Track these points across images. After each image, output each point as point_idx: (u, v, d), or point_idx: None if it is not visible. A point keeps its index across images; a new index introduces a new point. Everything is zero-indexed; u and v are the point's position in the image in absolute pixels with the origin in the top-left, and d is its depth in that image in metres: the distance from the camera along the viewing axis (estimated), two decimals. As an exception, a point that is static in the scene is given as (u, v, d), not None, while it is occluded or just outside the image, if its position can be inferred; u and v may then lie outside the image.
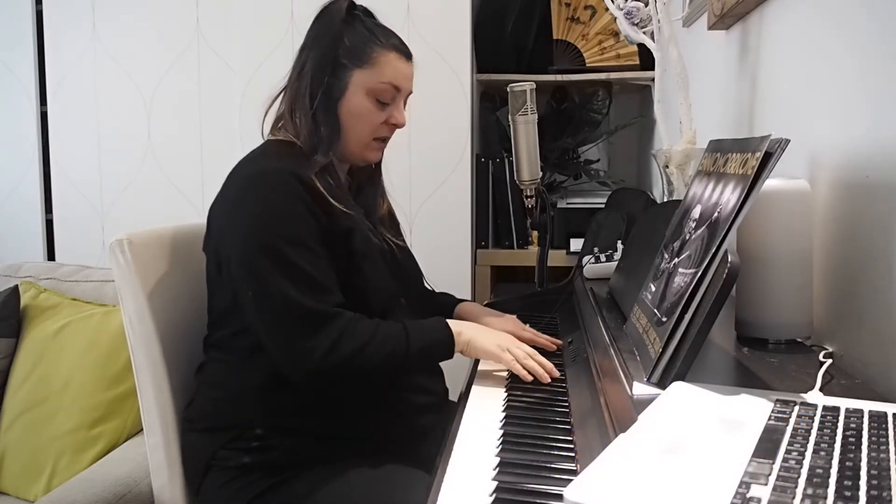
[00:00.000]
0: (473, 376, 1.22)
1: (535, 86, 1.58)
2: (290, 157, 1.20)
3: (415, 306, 1.34)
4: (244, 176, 1.20)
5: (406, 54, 1.27)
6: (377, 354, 1.12)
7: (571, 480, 0.53)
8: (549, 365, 1.16)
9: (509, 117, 1.60)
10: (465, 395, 1.15)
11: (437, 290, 1.50)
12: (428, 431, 1.23)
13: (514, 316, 1.40)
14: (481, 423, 1.00)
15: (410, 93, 1.29)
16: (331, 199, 1.17)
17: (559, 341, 1.33)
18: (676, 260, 0.85)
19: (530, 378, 1.14)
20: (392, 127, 1.28)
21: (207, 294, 1.27)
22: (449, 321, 1.21)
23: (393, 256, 1.31)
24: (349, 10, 1.26)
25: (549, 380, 1.14)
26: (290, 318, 1.11)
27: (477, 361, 1.29)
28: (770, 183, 0.89)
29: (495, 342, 1.19)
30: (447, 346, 1.18)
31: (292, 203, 1.14)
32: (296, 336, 1.11)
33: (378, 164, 1.38)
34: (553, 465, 0.85)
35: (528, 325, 1.37)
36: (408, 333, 1.15)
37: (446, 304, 1.46)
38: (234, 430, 1.19)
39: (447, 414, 1.08)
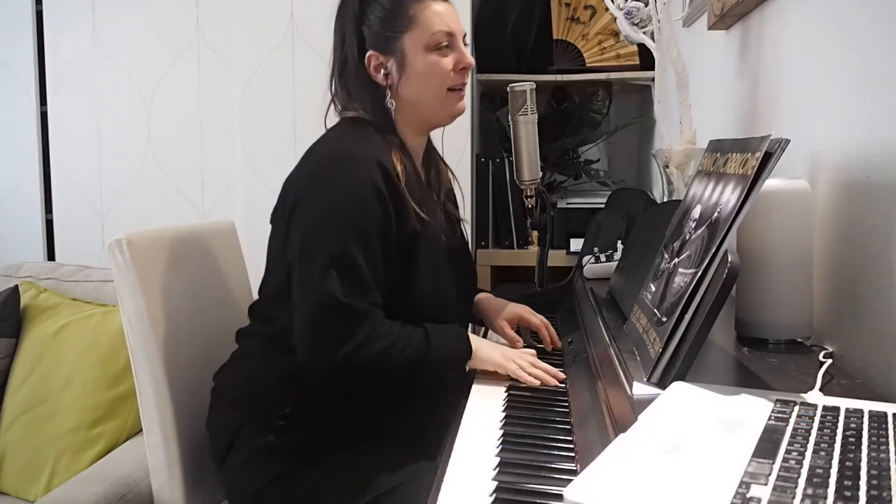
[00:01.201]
0: (474, 376, 1.22)
1: (535, 86, 1.57)
2: (372, 140, 1.20)
3: (463, 307, 1.33)
4: (326, 156, 1.20)
5: None
6: (399, 358, 1.13)
7: (571, 480, 0.53)
8: (553, 370, 1.16)
9: (509, 117, 1.59)
10: (465, 395, 1.15)
11: None
12: (440, 432, 1.23)
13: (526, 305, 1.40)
14: (481, 423, 1.00)
15: (465, 34, 1.28)
16: (410, 201, 1.17)
17: (559, 343, 1.34)
18: (676, 260, 0.85)
19: (537, 383, 1.14)
20: (462, 72, 1.26)
21: (266, 265, 1.27)
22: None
23: (458, 257, 1.32)
24: None
25: (555, 383, 1.14)
26: (325, 311, 1.11)
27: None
28: (770, 183, 0.88)
29: (499, 352, 1.20)
30: (463, 352, 1.18)
31: (367, 192, 1.13)
32: (324, 328, 1.11)
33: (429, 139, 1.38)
34: (553, 465, 0.85)
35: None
36: (429, 339, 1.15)
37: None
38: (263, 403, 1.20)
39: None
